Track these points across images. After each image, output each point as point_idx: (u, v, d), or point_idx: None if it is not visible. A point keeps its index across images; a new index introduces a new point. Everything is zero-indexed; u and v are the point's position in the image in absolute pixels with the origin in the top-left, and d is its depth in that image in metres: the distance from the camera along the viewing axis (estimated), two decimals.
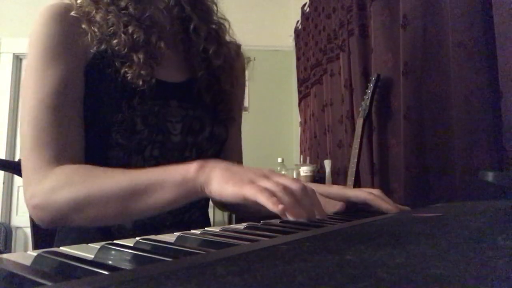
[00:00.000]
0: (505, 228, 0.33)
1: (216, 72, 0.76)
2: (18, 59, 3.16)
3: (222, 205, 0.90)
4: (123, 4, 0.67)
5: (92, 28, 0.65)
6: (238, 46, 0.85)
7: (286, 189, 0.45)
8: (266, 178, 0.47)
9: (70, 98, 0.62)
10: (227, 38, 0.80)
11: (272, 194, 0.43)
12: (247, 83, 0.94)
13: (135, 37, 0.65)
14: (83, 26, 0.64)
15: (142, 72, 0.65)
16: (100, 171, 0.57)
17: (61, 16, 0.64)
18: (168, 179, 0.52)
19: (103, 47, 0.65)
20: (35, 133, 0.59)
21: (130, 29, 0.66)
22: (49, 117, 0.60)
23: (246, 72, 0.88)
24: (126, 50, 0.65)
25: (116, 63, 0.65)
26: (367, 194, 0.64)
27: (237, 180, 0.47)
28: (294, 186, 0.47)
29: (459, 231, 0.31)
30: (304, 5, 2.44)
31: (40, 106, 0.60)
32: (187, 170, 0.51)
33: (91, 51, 0.65)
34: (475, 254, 0.21)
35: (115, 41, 0.65)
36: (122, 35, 0.65)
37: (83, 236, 0.68)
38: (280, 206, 0.42)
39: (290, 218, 0.43)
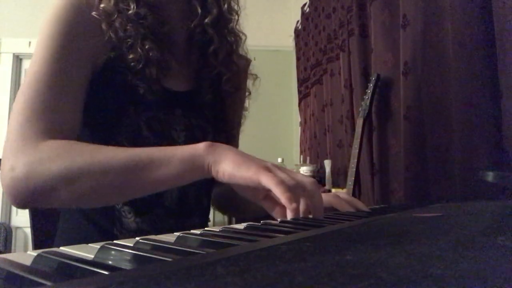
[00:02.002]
0: (505, 228, 0.33)
1: (223, 94, 0.76)
2: (18, 59, 3.16)
3: (222, 207, 0.90)
4: (142, 12, 0.66)
5: (110, 33, 0.64)
6: (249, 63, 0.84)
7: (299, 183, 0.47)
8: (282, 171, 0.48)
9: (74, 81, 0.60)
10: (240, 51, 0.79)
11: (288, 187, 0.44)
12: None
13: (150, 54, 0.65)
14: (103, 26, 0.64)
15: (153, 87, 0.66)
16: (99, 146, 0.54)
17: (82, 7, 0.63)
18: (175, 154, 0.51)
19: (115, 54, 0.65)
20: (29, 106, 0.55)
21: (147, 44, 0.65)
22: (48, 93, 0.56)
23: (250, 82, 0.86)
24: (140, 66, 0.65)
25: (128, 74, 0.65)
26: (332, 199, 0.64)
27: (252, 165, 0.47)
28: (307, 181, 0.49)
29: (459, 231, 0.31)
30: (304, 5, 2.44)
31: (41, 81, 0.57)
32: (195, 148, 0.51)
33: (104, 55, 0.65)
34: (475, 254, 0.21)
35: (131, 56, 0.64)
36: (139, 50, 0.64)
37: (83, 236, 0.68)
38: (294, 205, 0.43)
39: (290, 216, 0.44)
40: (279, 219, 0.50)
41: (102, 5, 0.64)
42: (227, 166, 0.48)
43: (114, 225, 0.67)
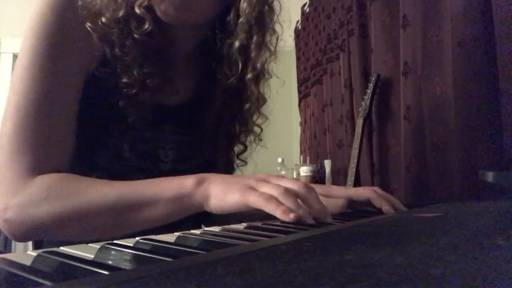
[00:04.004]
0: (505, 228, 0.33)
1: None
2: None
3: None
4: (145, 29, 0.57)
5: (105, 48, 0.57)
6: (263, 102, 0.76)
7: (287, 191, 0.44)
8: (265, 182, 0.46)
9: (65, 103, 0.55)
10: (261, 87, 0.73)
11: (277, 203, 0.42)
12: None
13: (147, 81, 0.59)
14: (94, 38, 0.56)
15: (144, 113, 0.60)
16: (87, 182, 0.51)
17: (71, 11, 0.55)
18: (162, 194, 0.48)
19: (107, 70, 0.58)
20: (17, 137, 0.51)
21: (146, 69, 0.58)
22: (37, 121, 0.52)
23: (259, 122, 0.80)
24: (134, 91, 0.58)
25: (116, 95, 0.58)
26: (369, 192, 0.63)
27: (236, 189, 0.45)
28: (295, 186, 0.46)
29: (459, 231, 0.31)
30: (304, 5, 2.43)
31: (29, 107, 0.52)
32: (182, 185, 0.48)
33: (94, 68, 0.58)
34: (475, 254, 0.21)
35: (125, 79, 0.58)
36: (135, 74, 0.58)
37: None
38: (292, 215, 0.41)
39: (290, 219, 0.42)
40: (278, 221, 0.49)
41: (102, 19, 0.56)
42: (216, 201, 0.46)
43: None
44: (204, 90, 0.71)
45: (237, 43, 0.63)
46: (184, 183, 0.48)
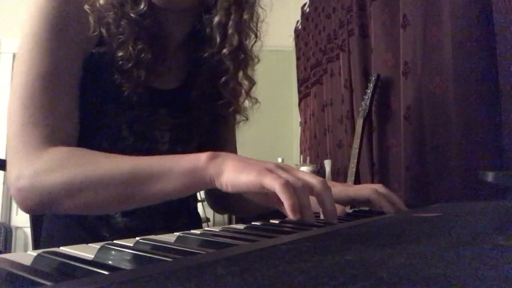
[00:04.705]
0: (505, 228, 0.33)
1: (218, 110, 0.73)
2: None
3: (221, 206, 0.89)
4: (141, 11, 0.61)
5: (101, 28, 0.60)
6: (252, 84, 0.77)
7: (305, 185, 0.43)
8: (284, 170, 0.45)
9: (68, 78, 0.58)
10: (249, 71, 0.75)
11: (293, 190, 0.42)
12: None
13: (142, 55, 0.62)
14: (91, 20, 0.60)
15: (139, 89, 0.63)
16: (100, 154, 0.53)
17: None
18: (176, 167, 0.49)
19: (103, 49, 0.61)
20: (27, 110, 0.54)
21: (139, 44, 0.62)
22: (44, 95, 0.55)
23: (248, 105, 0.80)
24: (129, 66, 0.61)
25: (113, 71, 0.62)
26: (370, 192, 0.62)
27: (253, 169, 0.44)
28: (314, 181, 0.45)
29: (459, 231, 0.31)
30: (304, 5, 2.43)
31: (35, 83, 0.55)
32: (197, 160, 0.49)
33: (91, 48, 0.61)
34: (475, 254, 0.21)
35: (120, 53, 0.61)
36: (130, 49, 0.61)
37: (68, 234, 0.67)
38: (298, 216, 0.40)
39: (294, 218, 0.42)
40: (278, 221, 0.49)
41: (100, 1, 0.60)
42: (229, 176, 0.46)
43: (102, 224, 0.66)
44: (195, 74, 0.73)
45: (216, 19, 0.66)
46: (199, 157, 0.49)
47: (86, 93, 0.61)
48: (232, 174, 0.46)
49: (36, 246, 0.86)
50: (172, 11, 0.66)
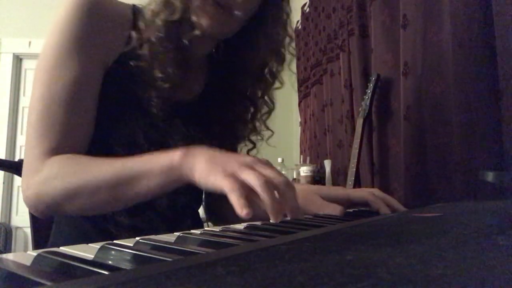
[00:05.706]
0: (505, 228, 0.33)
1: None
2: (18, 59, 3.16)
3: (216, 218, 0.89)
4: (196, 34, 0.65)
5: (144, 43, 0.63)
6: (271, 110, 0.86)
7: (269, 182, 0.43)
8: (250, 169, 0.45)
9: (85, 93, 0.61)
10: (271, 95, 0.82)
11: (246, 192, 0.42)
12: None
13: (177, 78, 0.66)
14: (133, 35, 0.63)
15: (163, 105, 0.66)
16: (89, 161, 0.58)
17: (94, 9, 0.62)
18: (153, 167, 0.52)
19: (141, 64, 0.64)
20: (40, 123, 0.58)
21: (177, 68, 0.65)
22: (60, 109, 0.58)
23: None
24: (165, 86, 0.65)
25: (144, 86, 0.65)
26: (367, 194, 0.63)
27: (218, 171, 0.45)
28: (277, 179, 0.45)
29: (459, 231, 0.31)
30: (304, 5, 2.43)
31: (52, 98, 0.58)
32: (171, 158, 0.51)
33: (111, 60, 0.64)
34: (475, 254, 0.21)
35: (159, 74, 0.64)
36: (169, 71, 0.64)
37: (78, 231, 0.68)
38: (245, 212, 0.39)
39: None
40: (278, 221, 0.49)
41: (156, 20, 0.63)
42: (200, 177, 0.47)
43: (109, 224, 0.67)
44: (211, 90, 0.76)
45: (259, 60, 0.73)
46: (172, 156, 0.51)
47: (105, 100, 0.64)
48: (202, 176, 0.47)
49: (36, 246, 0.86)
50: (209, 36, 0.69)
